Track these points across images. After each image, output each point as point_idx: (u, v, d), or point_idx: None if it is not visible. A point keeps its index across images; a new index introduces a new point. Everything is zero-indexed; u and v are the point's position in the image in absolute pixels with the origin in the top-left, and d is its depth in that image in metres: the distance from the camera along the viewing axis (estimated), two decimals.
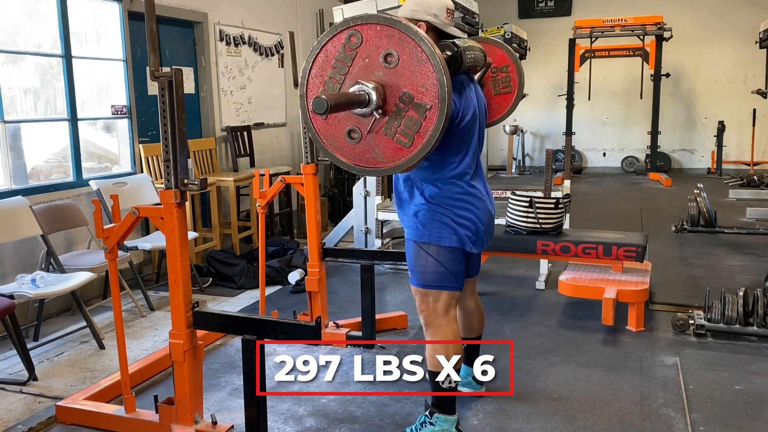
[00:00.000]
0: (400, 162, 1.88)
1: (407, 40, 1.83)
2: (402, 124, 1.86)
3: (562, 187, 4.65)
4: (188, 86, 5.62)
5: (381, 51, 1.85)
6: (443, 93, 1.81)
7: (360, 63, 1.88)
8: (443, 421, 2.45)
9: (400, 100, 1.84)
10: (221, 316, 2.58)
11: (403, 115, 1.85)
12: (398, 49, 1.83)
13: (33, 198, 4.00)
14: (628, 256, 3.81)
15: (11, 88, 4.17)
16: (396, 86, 1.85)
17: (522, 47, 9.17)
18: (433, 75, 1.80)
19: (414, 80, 1.82)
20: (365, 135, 1.92)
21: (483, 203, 2.48)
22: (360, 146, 1.95)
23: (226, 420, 2.61)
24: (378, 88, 1.85)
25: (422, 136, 1.84)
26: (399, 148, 1.89)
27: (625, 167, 11.21)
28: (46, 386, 3.13)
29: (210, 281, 4.87)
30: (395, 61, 1.84)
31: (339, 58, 1.91)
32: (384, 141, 1.89)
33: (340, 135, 1.97)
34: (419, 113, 1.83)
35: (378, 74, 1.86)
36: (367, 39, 1.86)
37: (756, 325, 3.46)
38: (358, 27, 1.87)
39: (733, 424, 2.63)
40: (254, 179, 4.32)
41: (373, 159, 1.93)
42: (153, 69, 2.26)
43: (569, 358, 3.32)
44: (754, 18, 9.53)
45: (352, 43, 1.88)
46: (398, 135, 1.87)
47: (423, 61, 1.81)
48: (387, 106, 1.87)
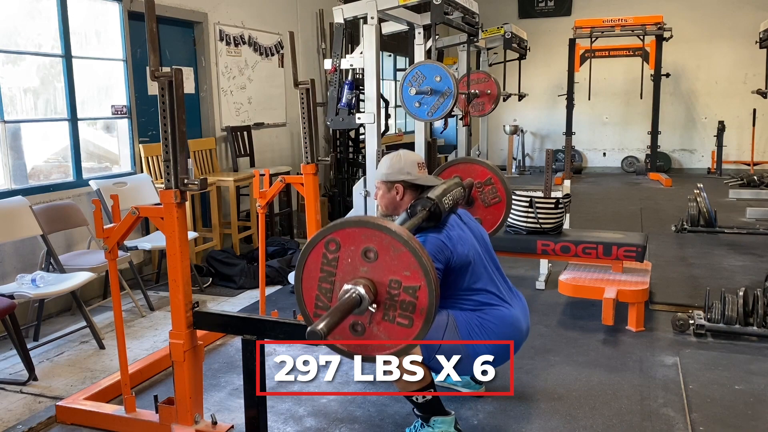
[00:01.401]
0: (408, 341, 1.98)
1: (380, 235, 1.93)
2: (398, 308, 1.95)
3: (562, 187, 4.65)
4: (188, 86, 5.62)
5: (359, 250, 1.94)
6: (426, 270, 1.90)
7: (344, 264, 1.97)
8: (441, 423, 2.44)
9: (390, 288, 1.93)
10: (221, 316, 2.58)
11: (396, 300, 1.94)
12: (374, 244, 1.93)
13: (33, 198, 4.00)
14: (628, 256, 3.81)
15: (11, 88, 4.17)
16: (383, 277, 1.94)
17: (522, 47, 9.17)
18: (412, 259, 1.90)
19: (396, 268, 1.92)
20: (368, 326, 2.01)
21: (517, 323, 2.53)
22: (366, 336, 2.04)
23: (226, 420, 2.61)
24: (367, 284, 1.93)
25: (420, 315, 1.92)
26: (402, 330, 1.98)
27: (625, 167, 11.21)
28: (46, 386, 3.13)
29: (210, 281, 4.87)
30: (375, 256, 1.93)
31: (324, 264, 2.00)
32: (386, 327, 1.99)
33: (345, 332, 2.05)
34: (410, 295, 1.92)
35: (363, 270, 1.95)
36: (344, 242, 1.95)
37: (756, 325, 3.46)
38: (333, 234, 1.97)
39: (733, 424, 2.63)
40: (254, 179, 4.32)
41: (382, 345, 2.03)
42: (153, 69, 2.26)
43: (569, 358, 3.32)
44: (754, 18, 9.53)
45: (332, 249, 1.98)
46: (398, 319, 1.96)
47: (400, 250, 1.90)
48: (379, 297, 1.96)
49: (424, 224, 2.40)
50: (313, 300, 2.03)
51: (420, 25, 5.18)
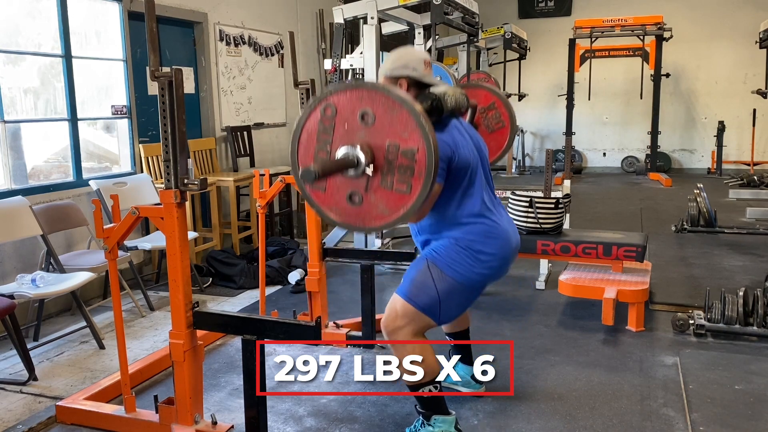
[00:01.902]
0: (406, 209, 1.92)
1: (376, 95, 1.89)
2: (396, 174, 1.90)
3: (562, 187, 4.65)
4: (188, 86, 5.62)
5: (356, 113, 1.90)
6: (425, 133, 1.84)
7: (341, 130, 1.93)
8: (442, 422, 2.44)
9: (388, 152, 1.89)
10: (221, 316, 2.58)
11: (394, 165, 1.89)
12: (371, 106, 1.89)
13: (33, 198, 4.00)
14: (628, 256, 3.81)
15: (11, 88, 4.17)
16: (380, 141, 1.89)
17: (522, 47, 9.19)
18: (410, 119, 1.84)
19: (394, 130, 1.86)
20: (365, 195, 1.95)
21: (505, 237, 2.45)
22: (364, 206, 1.98)
23: (226, 420, 2.61)
24: (364, 147, 1.90)
25: (418, 179, 1.87)
26: (400, 197, 1.92)
27: (625, 167, 11.21)
28: (46, 386, 3.13)
29: (210, 281, 4.87)
30: (372, 119, 1.89)
31: (320, 132, 1.96)
32: (385, 195, 1.93)
33: (341, 202, 2.01)
34: (409, 159, 1.87)
35: (360, 135, 1.91)
36: (340, 107, 1.91)
37: (756, 325, 3.46)
38: (329, 99, 1.93)
39: (733, 424, 2.63)
40: (254, 179, 4.32)
41: (379, 215, 1.96)
42: (153, 69, 2.26)
43: (569, 358, 3.32)
44: (754, 18, 9.53)
45: (328, 115, 1.94)
46: (396, 185, 1.91)
47: (397, 110, 1.85)
48: (377, 162, 1.91)
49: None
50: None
51: (420, 25, 5.19)
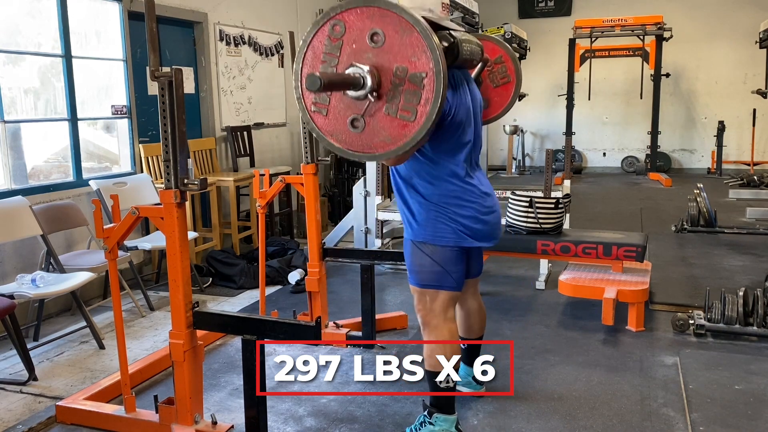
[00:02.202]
0: (409, 137, 1.85)
1: (389, 14, 1.81)
2: (402, 100, 1.83)
3: (562, 187, 4.65)
4: (188, 86, 5.62)
5: (366, 33, 1.83)
6: (436, 56, 1.77)
7: (348, 50, 1.86)
8: (443, 421, 2.45)
9: (395, 76, 1.82)
10: (221, 316, 2.58)
11: (401, 90, 1.82)
12: (382, 26, 1.81)
13: (33, 198, 4.00)
14: (628, 256, 3.81)
15: (11, 88, 4.17)
16: (388, 64, 1.82)
17: (522, 47, 9.17)
18: (421, 42, 1.77)
19: (404, 53, 1.79)
20: (368, 120, 1.88)
21: (482, 199, 2.44)
22: (366, 133, 1.91)
23: (226, 420, 2.61)
24: (372, 70, 1.83)
25: (425, 106, 1.80)
26: (404, 124, 1.85)
27: (625, 167, 11.21)
28: (46, 386, 3.13)
29: (210, 281, 4.87)
30: (382, 39, 1.82)
31: (327, 51, 1.88)
32: (388, 121, 1.86)
33: (343, 127, 1.94)
34: (416, 84, 1.80)
35: (368, 56, 1.84)
36: (350, 25, 1.84)
37: (756, 325, 3.46)
38: (339, 16, 1.86)
39: (733, 424, 2.63)
40: (254, 179, 4.32)
41: (381, 143, 1.89)
42: (153, 69, 2.26)
43: (569, 358, 3.32)
44: (754, 18, 9.53)
45: (336, 33, 1.86)
46: (401, 111, 1.84)
47: (408, 31, 1.78)
48: (383, 88, 1.84)
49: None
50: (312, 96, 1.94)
51: None
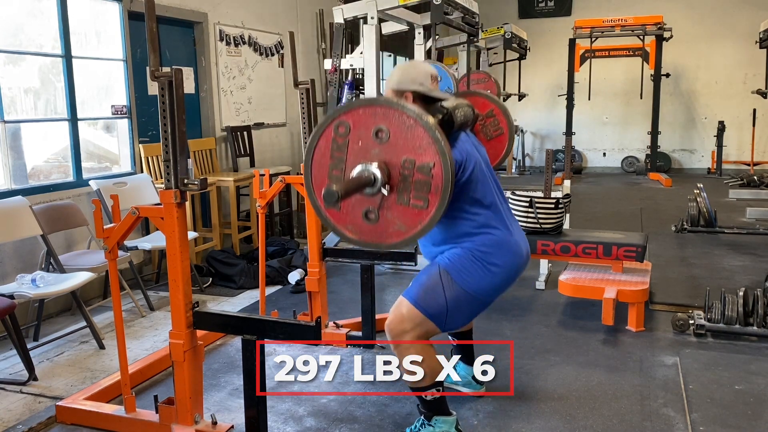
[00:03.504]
0: (424, 224, 1.90)
1: (391, 112, 1.87)
2: (413, 190, 1.88)
3: (562, 187, 4.65)
4: (188, 86, 5.62)
5: (370, 130, 1.89)
6: (441, 147, 1.83)
7: (355, 148, 1.91)
8: (442, 423, 2.44)
9: (404, 168, 1.87)
10: (221, 316, 2.58)
11: (410, 181, 1.88)
12: (385, 123, 1.87)
13: (33, 198, 4.00)
14: (628, 256, 3.81)
15: (11, 88, 4.17)
16: (396, 157, 1.87)
17: (522, 47, 9.18)
18: (426, 135, 1.83)
19: (410, 146, 1.85)
20: (381, 212, 1.94)
21: (517, 249, 2.44)
22: (381, 224, 1.96)
23: (226, 420, 2.61)
24: (381, 165, 1.88)
25: (436, 194, 1.86)
26: (418, 213, 1.90)
27: (625, 167, 11.21)
28: (46, 386, 3.13)
29: (210, 281, 4.87)
30: (386, 135, 1.87)
31: (334, 150, 1.94)
32: (401, 211, 1.92)
33: (358, 220, 1.98)
34: (425, 174, 1.86)
35: (375, 152, 1.89)
36: (354, 124, 1.90)
37: (756, 325, 3.46)
38: (342, 116, 1.91)
39: (733, 424, 2.63)
40: (254, 179, 4.32)
41: (396, 232, 1.95)
42: (153, 69, 2.26)
43: (569, 358, 3.32)
44: (754, 18, 9.53)
45: (341, 133, 1.92)
46: (413, 201, 1.89)
47: (412, 126, 1.84)
48: (393, 180, 1.89)
49: None
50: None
51: (420, 25, 5.18)
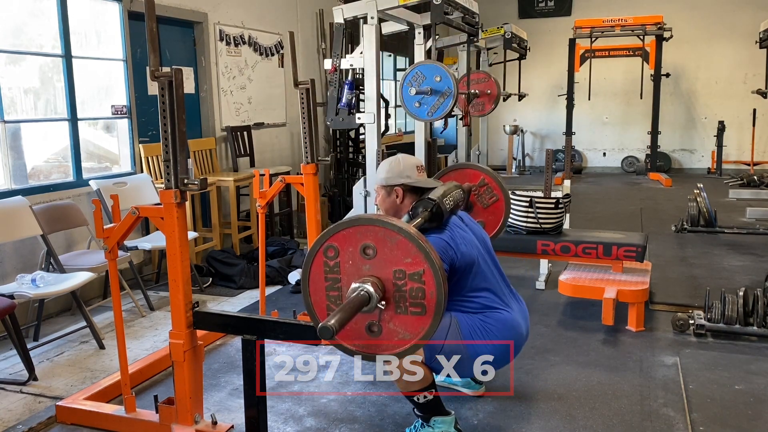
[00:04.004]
0: (426, 329, 1.96)
1: (373, 229, 1.93)
2: (408, 298, 1.94)
3: (562, 187, 4.65)
4: (188, 86, 5.62)
5: (358, 249, 1.94)
6: (426, 253, 1.89)
7: (346, 267, 1.97)
8: (441, 422, 2.44)
9: (396, 279, 1.93)
10: (221, 316, 2.58)
11: (405, 290, 1.93)
12: (370, 239, 1.93)
13: (33, 198, 4.00)
14: (628, 256, 3.81)
15: (11, 88, 4.17)
16: (387, 271, 1.93)
17: (522, 47, 9.17)
18: (410, 245, 1.89)
19: (397, 257, 1.91)
20: (383, 324, 1.99)
21: (517, 327, 2.49)
22: (385, 335, 2.01)
23: (226, 420, 2.61)
24: (374, 282, 1.93)
25: (431, 299, 1.91)
26: (417, 319, 1.96)
27: (625, 167, 11.22)
28: (46, 386, 3.13)
29: (210, 281, 4.87)
30: (373, 251, 1.93)
31: (327, 273, 2.00)
32: (402, 320, 1.97)
33: (362, 334, 2.04)
34: (417, 281, 1.91)
35: (366, 269, 1.95)
36: (341, 246, 1.96)
37: (756, 325, 3.46)
38: (329, 241, 1.97)
39: (733, 424, 2.63)
40: (254, 179, 4.32)
41: (402, 340, 2.00)
42: (153, 69, 2.26)
43: (569, 358, 3.32)
44: (754, 18, 9.53)
45: (330, 256, 1.98)
46: (410, 309, 1.94)
47: (396, 239, 1.90)
48: (388, 292, 1.95)
49: (427, 225, 2.40)
50: (325, 311, 2.03)
51: (420, 25, 5.18)
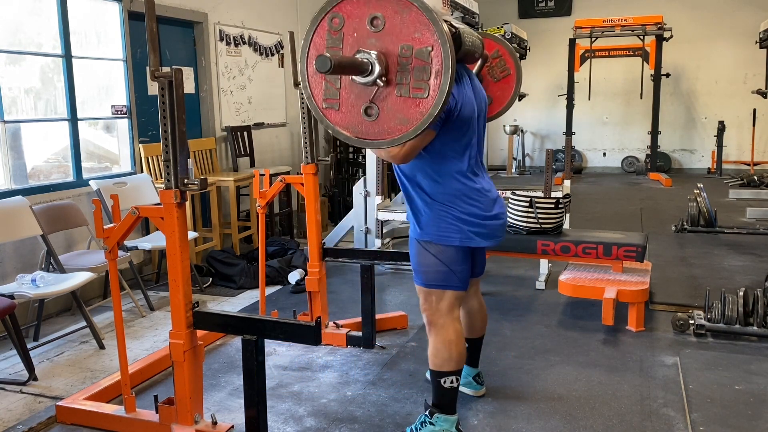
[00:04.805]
0: (425, 114, 1.83)
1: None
2: (412, 78, 1.82)
3: (562, 187, 4.65)
4: (188, 86, 5.62)
5: (365, 19, 1.83)
6: (438, 28, 1.77)
7: (350, 40, 1.86)
8: (443, 421, 2.44)
9: (401, 56, 1.81)
10: (221, 316, 2.58)
11: (409, 69, 1.82)
12: (380, 9, 1.82)
13: (33, 198, 4.00)
14: (628, 256, 3.81)
15: (11, 88, 4.17)
16: (392, 45, 1.82)
17: (522, 47, 9.17)
18: (422, 17, 1.78)
19: (407, 31, 1.80)
20: (381, 105, 1.88)
21: (487, 198, 2.44)
22: (381, 119, 1.90)
23: (226, 420, 2.61)
24: (378, 54, 1.83)
25: (436, 78, 1.79)
26: (418, 102, 1.84)
27: (625, 167, 11.21)
28: (46, 386, 3.13)
29: (210, 281, 4.87)
30: (382, 23, 1.82)
31: (329, 46, 1.89)
32: (401, 103, 1.86)
33: (358, 118, 1.93)
34: (424, 58, 1.79)
35: (371, 42, 1.84)
36: (348, 15, 1.85)
37: (756, 325, 3.46)
38: (335, 8, 1.87)
39: (733, 424, 2.63)
40: (254, 179, 4.32)
41: (397, 126, 1.88)
42: (153, 69, 2.26)
43: (569, 358, 3.32)
44: (754, 18, 9.54)
45: (335, 26, 1.87)
46: (413, 90, 1.83)
47: (407, 9, 1.79)
48: (391, 71, 1.83)
49: None
50: (321, 94, 1.93)
51: None
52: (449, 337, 2.42)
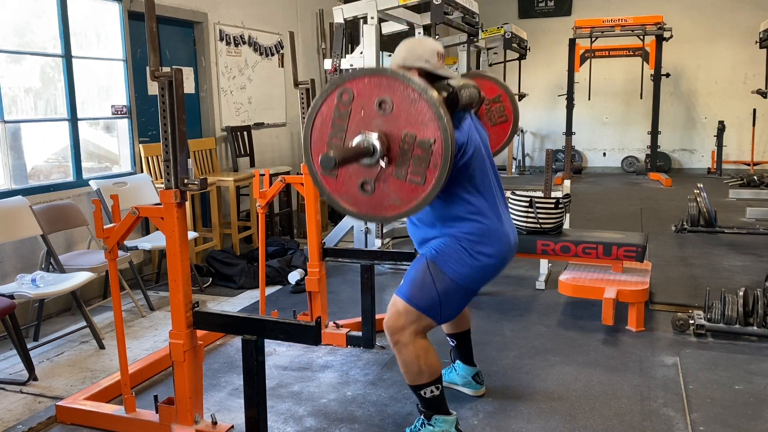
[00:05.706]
0: (419, 200, 1.89)
1: (396, 84, 1.86)
2: (411, 165, 1.87)
3: (562, 187, 4.65)
4: (188, 86, 5.62)
5: (374, 100, 1.87)
6: (443, 125, 1.81)
7: (357, 117, 1.90)
8: (442, 422, 2.44)
9: (404, 142, 1.86)
10: (221, 316, 2.58)
11: (409, 155, 1.86)
12: (390, 94, 1.86)
13: (33, 198, 4.00)
14: (628, 256, 3.81)
15: (12, 88, 4.18)
16: (396, 130, 1.86)
17: (522, 47, 9.19)
18: (429, 110, 1.82)
19: (412, 120, 1.84)
20: (377, 184, 1.93)
21: (505, 239, 2.41)
22: (376, 196, 1.95)
23: (226, 420, 2.61)
24: (381, 136, 1.87)
25: (433, 171, 1.85)
26: (414, 188, 1.89)
27: (625, 167, 11.21)
28: (46, 386, 3.13)
29: (210, 281, 4.87)
30: (390, 107, 1.86)
31: (335, 118, 1.93)
32: (397, 185, 1.91)
33: (353, 190, 1.97)
34: (425, 149, 1.84)
35: (376, 123, 1.88)
36: (359, 93, 1.89)
37: (756, 325, 3.46)
38: (347, 84, 1.90)
39: (733, 424, 2.63)
40: (254, 179, 4.32)
41: (391, 205, 1.94)
42: (153, 69, 2.26)
43: (569, 358, 3.32)
44: (754, 18, 9.53)
45: (344, 101, 1.91)
46: (410, 176, 1.88)
47: (416, 100, 1.83)
48: (392, 153, 1.88)
49: None
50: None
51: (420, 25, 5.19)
52: (415, 352, 2.34)
